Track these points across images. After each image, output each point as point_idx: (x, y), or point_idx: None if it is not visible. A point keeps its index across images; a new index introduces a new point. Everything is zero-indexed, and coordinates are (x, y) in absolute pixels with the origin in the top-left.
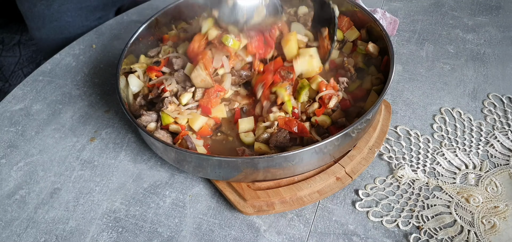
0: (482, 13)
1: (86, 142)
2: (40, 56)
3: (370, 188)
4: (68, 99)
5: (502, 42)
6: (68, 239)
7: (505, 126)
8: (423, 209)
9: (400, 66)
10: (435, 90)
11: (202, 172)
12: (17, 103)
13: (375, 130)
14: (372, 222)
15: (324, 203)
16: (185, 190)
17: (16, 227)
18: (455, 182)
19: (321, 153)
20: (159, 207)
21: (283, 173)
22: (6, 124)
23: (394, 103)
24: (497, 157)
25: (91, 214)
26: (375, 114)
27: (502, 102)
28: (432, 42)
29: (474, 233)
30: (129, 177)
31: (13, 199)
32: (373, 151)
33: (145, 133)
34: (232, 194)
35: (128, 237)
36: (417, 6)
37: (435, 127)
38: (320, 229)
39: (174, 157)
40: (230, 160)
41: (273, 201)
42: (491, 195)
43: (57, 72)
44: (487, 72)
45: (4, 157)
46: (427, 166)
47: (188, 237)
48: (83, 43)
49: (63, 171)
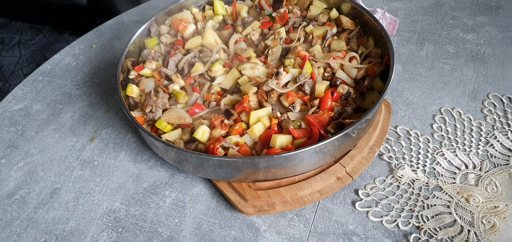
0: (482, 13)
1: (86, 142)
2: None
3: (370, 188)
4: (68, 99)
5: (502, 42)
6: (68, 239)
7: (505, 126)
8: (423, 209)
9: (400, 66)
10: (435, 90)
11: (202, 172)
12: (17, 103)
13: (375, 130)
14: (372, 222)
15: (324, 203)
16: (185, 190)
17: (16, 227)
18: (455, 182)
19: (322, 152)
20: (159, 207)
21: (284, 172)
22: (6, 124)
23: (394, 103)
24: (497, 157)
25: (91, 214)
26: (375, 114)
27: (502, 102)
28: (432, 42)
29: (474, 233)
30: (129, 177)
31: (13, 199)
32: (373, 150)
33: (145, 133)
34: (233, 194)
35: (128, 237)
36: (417, 6)
37: (435, 127)
38: (320, 229)
39: (174, 157)
40: (230, 160)
41: (274, 201)
42: (491, 195)
43: (57, 72)
44: (487, 72)
45: (4, 157)
46: (427, 166)
47: (188, 237)
48: (83, 43)
49: (63, 171)
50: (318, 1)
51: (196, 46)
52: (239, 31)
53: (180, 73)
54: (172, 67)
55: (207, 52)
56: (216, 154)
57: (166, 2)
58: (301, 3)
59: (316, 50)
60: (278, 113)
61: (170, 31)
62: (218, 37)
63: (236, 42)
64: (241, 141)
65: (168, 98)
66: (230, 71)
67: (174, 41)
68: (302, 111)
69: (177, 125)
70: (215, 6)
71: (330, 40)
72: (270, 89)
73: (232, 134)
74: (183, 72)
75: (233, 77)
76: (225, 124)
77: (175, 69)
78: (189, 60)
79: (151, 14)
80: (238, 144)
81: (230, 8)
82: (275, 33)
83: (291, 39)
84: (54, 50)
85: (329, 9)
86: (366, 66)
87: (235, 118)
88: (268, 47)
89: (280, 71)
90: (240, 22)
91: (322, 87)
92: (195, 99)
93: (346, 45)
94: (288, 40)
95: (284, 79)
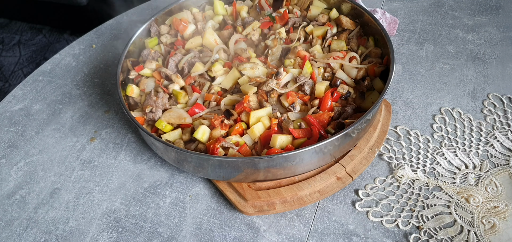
0: (482, 13)
1: (86, 142)
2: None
3: (370, 188)
4: (68, 99)
5: (502, 42)
6: (68, 239)
7: (505, 126)
8: (423, 209)
9: (400, 66)
10: (435, 90)
11: (202, 172)
12: (17, 103)
13: (375, 130)
14: (372, 222)
15: (324, 203)
16: (185, 190)
17: (16, 227)
18: (455, 182)
19: (322, 152)
20: (159, 207)
21: (284, 172)
22: (6, 124)
23: (394, 103)
24: (497, 157)
25: (91, 214)
26: (375, 114)
27: (502, 102)
28: (432, 42)
29: (474, 233)
30: (129, 177)
31: (13, 199)
32: (373, 150)
33: (145, 133)
34: (233, 194)
35: (128, 237)
36: (417, 6)
37: (435, 127)
38: (320, 229)
39: (174, 157)
40: (230, 160)
41: (274, 201)
42: (491, 195)
43: (57, 72)
44: (487, 72)
45: (4, 157)
46: (427, 166)
47: (188, 237)
48: (83, 43)
49: (63, 171)
50: (318, 1)
51: (196, 46)
52: (239, 31)
53: (180, 73)
54: (172, 67)
55: (207, 52)
56: (216, 154)
57: (166, 2)
58: (301, 3)
59: (316, 50)
60: (278, 113)
61: (170, 31)
62: (218, 37)
63: (236, 42)
64: (241, 141)
65: (168, 98)
66: (230, 71)
67: (174, 41)
68: (302, 112)
69: (177, 125)
70: (215, 6)
71: (330, 40)
72: (270, 89)
73: (232, 134)
74: (183, 72)
75: (233, 77)
76: (225, 124)
77: (175, 69)
78: (189, 60)
79: (151, 14)
80: (238, 144)
81: (230, 8)
82: (275, 33)
83: (291, 39)
84: (54, 50)
85: (329, 9)
86: (366, 66)
87: (235, 118)
88: (268, 47)
89: (280, 71)
90: (240, 22)
91: (322, 87)
92: (195, 99)
93: (346, 45)
94: (288, 40)
95: (284, 79)
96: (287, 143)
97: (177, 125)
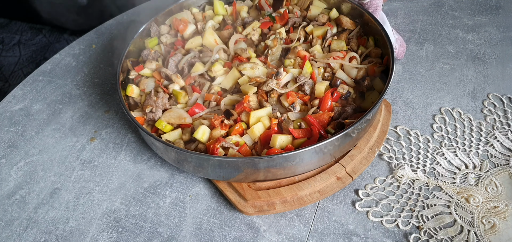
0: (482, 13)
1: (86, 142)
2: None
3: (370, 188)
4: (68, 99)
5: (502, 42)
6: (68, 239)
7: (505, 126)
8: (423, 209)
9: (400, 66)
10: (435, 90)
11: (202, 172)
12: (17, 103)
13: (376, 130)
14: (372, 222)
15: (324, 203)
16: (185, 190)
17: (16, 227)
18: (455, 182)
19: (322, 152)
20: (159, 207)
21: (284, 172)
22: (6, 124)
23: (394, 103)
24: (497, 157)
25: (91, 214)
26: (375, 114)
27: (502, 102)
28: (432, 42)
29: (474, 233)
30: (129, 177)
31: (13, 199)
32: (373, 150)
33: (145, 133)
34: (233, 194)
35: (128, 237)
36: (417, 6)
37: (435, 127)
38: (320, 229)
39: (174, 157)
40: (230, 160)
41: (274, 201)
42: (491, 195)
43: (57, 72)
44: (487, 72)
45: (4, 157)
46: (427, 166)
47: (188, 237)
48: (83, 43)
49: (63, 171)
50: (318, 1)
51: (196, 46)
52: (239, 31)
53: (180, 73)
54: (172, 67)
55: (207, 52)
56: (216, 154)
57: (166, 2)
58: (301, 3)
59: (316, 50)
60: (278, 113)
61: (170, 31)
62: (218, 37)
63: (236, 42)
64: (241, 141)
65: (168, 98)
66: (230, 71)
67: (174, 41)
68: (302, 111)
69: (177, 125)
70: (215, 6)
71: (330, 40)
72: (270, 89)
73: (232, 134)
74: (183, 72)
75: (233, 77)
76: (225, 124)
77: (175, 69)
78: (189, 60)
79: (151, 14)
80: (238, 144)
81: (230, 8)
82: (275, 33)
83: (291, 39)
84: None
85: (329, 9)
86: (366, 66)
87: (235, 118)
88: (268, 47)
89: (280, 71)
90: (240, 22)
91: (322, 87)
92: (195, 99)
93: (346, 45)
94: (288, 40)
95: (284, 79)
96: (287, 143)
97: (177, 125)
